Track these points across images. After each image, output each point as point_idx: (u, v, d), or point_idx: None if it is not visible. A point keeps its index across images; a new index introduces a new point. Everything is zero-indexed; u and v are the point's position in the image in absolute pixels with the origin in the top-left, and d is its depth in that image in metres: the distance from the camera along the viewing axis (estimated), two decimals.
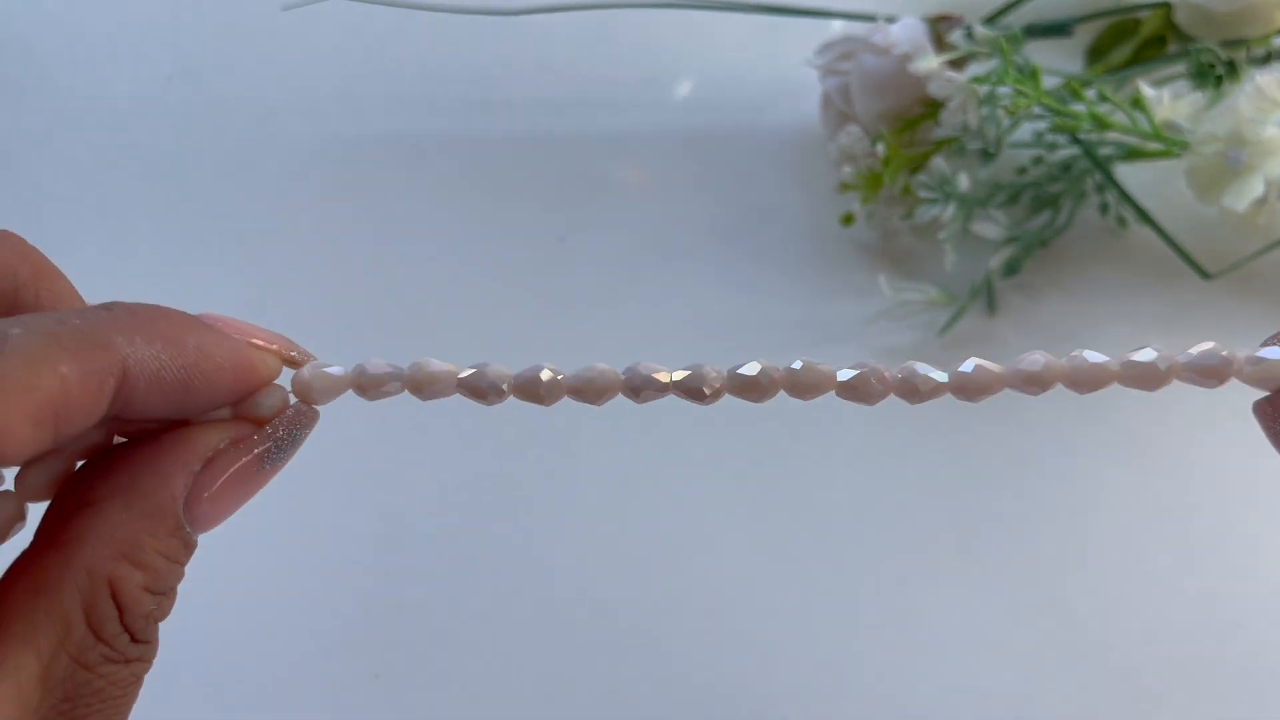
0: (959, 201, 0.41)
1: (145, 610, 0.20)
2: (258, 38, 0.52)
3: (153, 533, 0.20)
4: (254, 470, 0.22)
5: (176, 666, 0.35)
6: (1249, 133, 0.39)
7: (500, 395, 0.23)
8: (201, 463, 0.21)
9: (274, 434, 0.22)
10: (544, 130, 0.49)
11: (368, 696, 0.34)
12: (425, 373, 0.23)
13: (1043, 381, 0.24)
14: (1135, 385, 0.24)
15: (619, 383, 0.23)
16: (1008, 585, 0.36)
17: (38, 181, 0.48)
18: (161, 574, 0.20)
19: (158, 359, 0.20)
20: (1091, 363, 0.24)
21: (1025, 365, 0.24)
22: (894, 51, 0.42)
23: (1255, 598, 0.36)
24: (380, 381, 0.23)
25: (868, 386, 0.24)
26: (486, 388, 0.23)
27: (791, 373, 0.24)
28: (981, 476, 0.39)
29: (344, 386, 0.23)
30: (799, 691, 0.35)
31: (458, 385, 0.23)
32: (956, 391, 0.24)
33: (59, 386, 0.18)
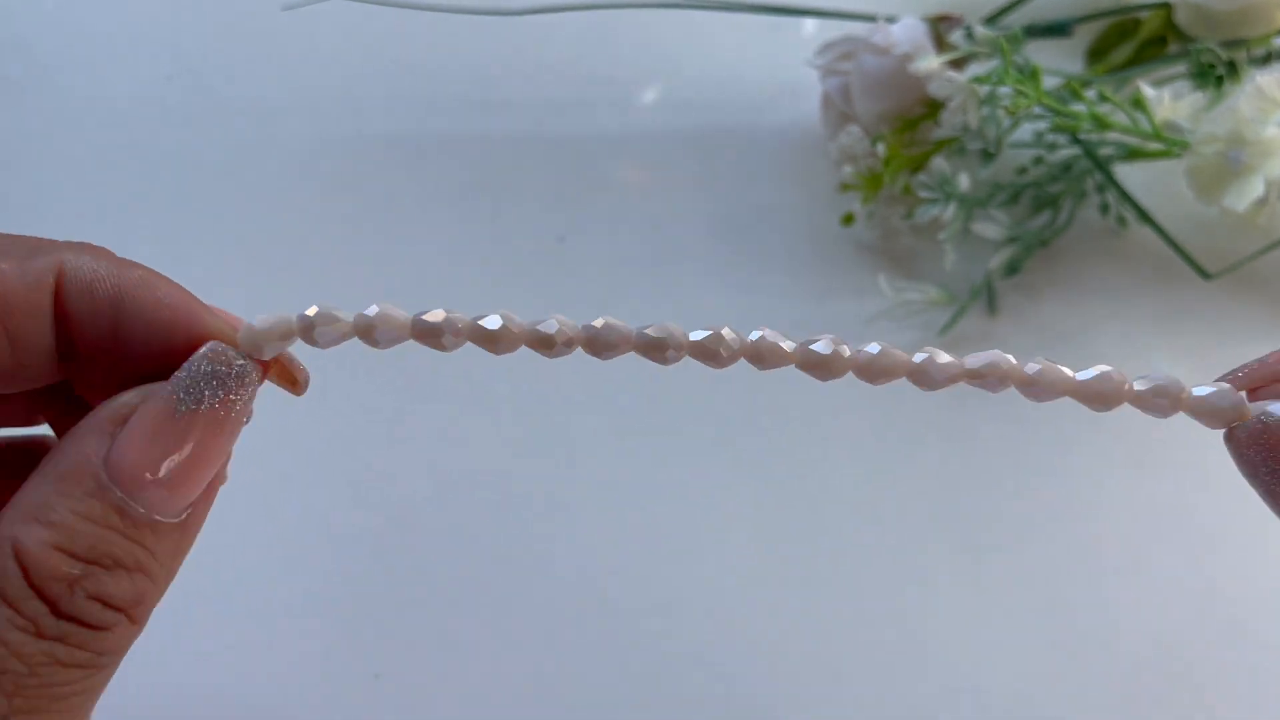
0: (959, 201, 0.41)
1: (56, 570, 0.19)
2: (258, 38, 0.52)
3: (64, 493, 0.19)
4: (169, 415, 0.20)
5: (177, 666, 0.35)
6: (1249, 133, 0.39)
7: (457, 338, 0.23)
8: (114, 422, 0.20)
9: (179, 376, 0.21)
10: (544, 130, 0.49)
11: (368, 696, 0.34)
12: (367, 317, 0.22)
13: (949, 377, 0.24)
14: (1089, 404, 0.24)
15: (580, 336, 0.23)
16: (1008, 585, 0.36)
17: (38, 181, 0.48)
18: (77, 533, 0.19)
19: (94, 269, 0.20)
20: (1044, 373, 0.24)
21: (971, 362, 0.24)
22: (894, 51, 0.42)
23: (1255, 598, 0.36)
24: (322, 326, 0.22)
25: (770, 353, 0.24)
26: (443, 328, 0.22)
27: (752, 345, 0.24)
28: (982, 477, 0.39)
29: (290, 335, 0.22)
30: (799, 691, 0.35)
31: (411, 329, 0.22)
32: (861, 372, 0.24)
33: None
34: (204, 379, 0.21)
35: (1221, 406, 0.23)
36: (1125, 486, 0.38)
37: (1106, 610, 0.36)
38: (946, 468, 0.39)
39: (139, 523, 0.20)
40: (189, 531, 0.21)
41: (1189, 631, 0.35)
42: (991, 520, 0.38)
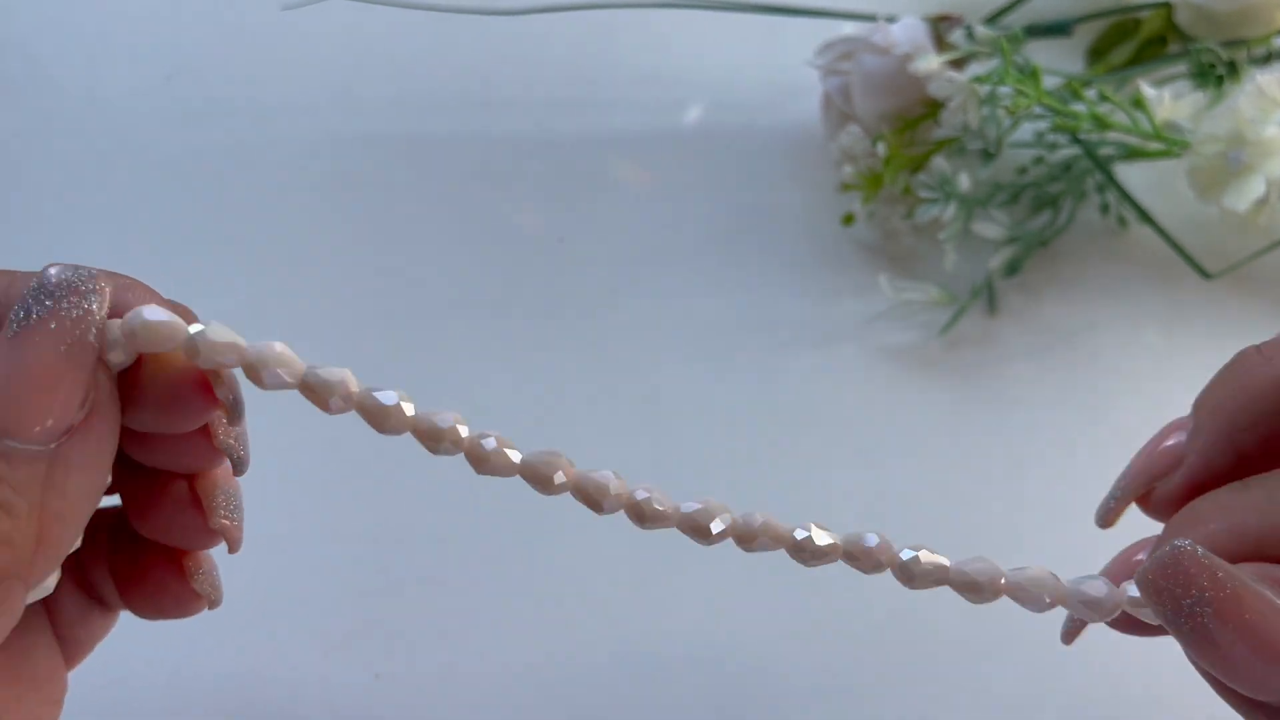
0: (959, 201, 0.41)
1: None
2: (258, 38, 0.52)
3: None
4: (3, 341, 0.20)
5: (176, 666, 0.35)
6: (1249, 133, 0.39)
7: (345, 403, 0.23)
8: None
9: (20, 297, 0.20)
10: (544, 130, 0.49)
11: (368, 696, 0.34)
12: (264, 353, 0.22)
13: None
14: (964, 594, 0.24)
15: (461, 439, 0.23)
16: None
17: (37, 181, 0.48)
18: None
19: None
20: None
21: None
22: (894, 51, 0.42)
23: None
24: (209, 348, 0.21)
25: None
26: (323, 389, 0.22)
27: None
28: (981, 476, 0.39)
29: (177, 335, 0.21)
30: (799, 691, 0.34)
31: (301, 384, 0.22)
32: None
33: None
34: (33, 294, 0.20)
35: (1097, 598, 0.24)
36: None
37: None
38: (945, 468, 0.39)
39: (20, 462, 0.19)
40: (65, 466, 0.20)
41: None
42: (990, 520, 0.38)
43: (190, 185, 0.47)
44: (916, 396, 0.41)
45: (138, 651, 0.35)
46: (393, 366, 0.41)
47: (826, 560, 0.24)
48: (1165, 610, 0.21)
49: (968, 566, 0.23)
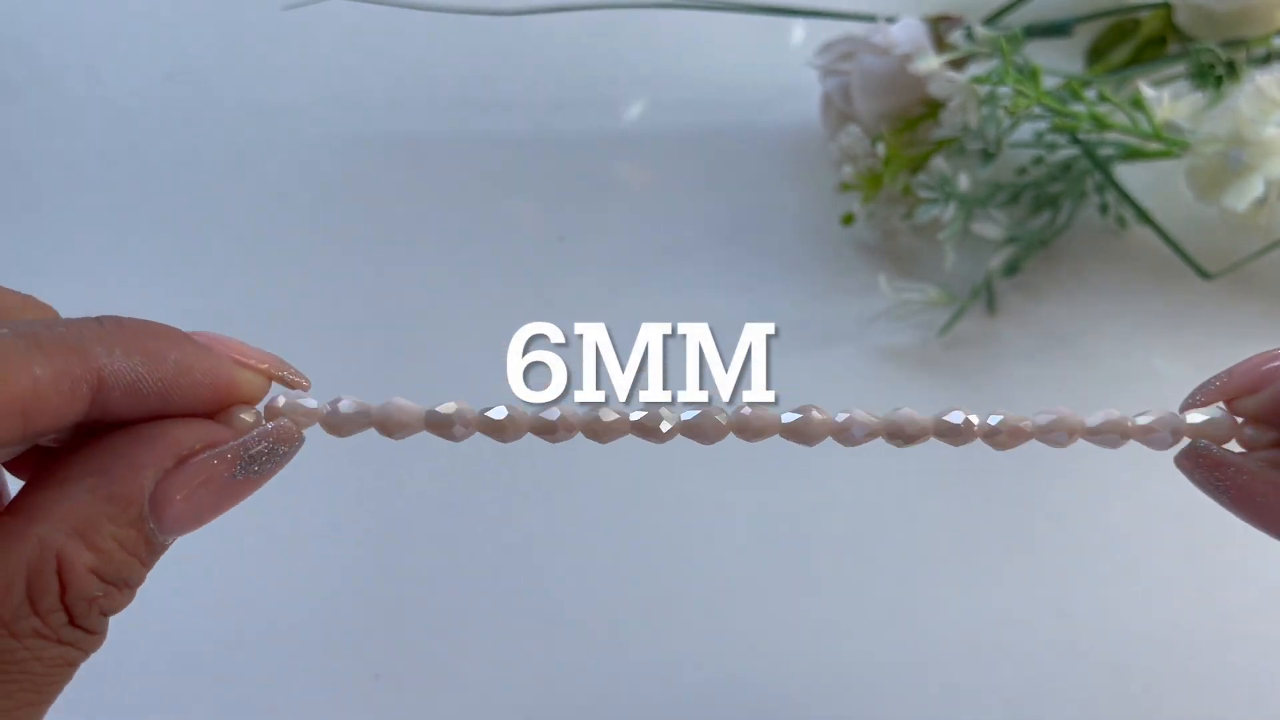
0: (959, 201, 0.41)
1: (88, 593, 0.20)
2: (258, 38, 0.52)
3: (113, 518, 0.20)
4: (224, 476, 0.22)
5: (176, 665, 0.35)
6: (1249, 133, 0.39)
7: (467, 429, 0.24)
8: (175, 459, 0.21)
9: (251, 444, 0.22)
10: (544, 130, 0.49)
11: (368, 696, 0.34)
12: (394, 414, 0.25)
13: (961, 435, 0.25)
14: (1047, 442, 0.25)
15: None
16: (1008, 585, 0.36)
17: (37, 181, 0.48)
18: (113, 560, 0.20)
19: (135, 371, 0.21)
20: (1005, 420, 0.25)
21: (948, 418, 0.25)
22: (894, 51, 0.42)
23: (1255, 598, 0.36)
24: (349, 421, 0.24)
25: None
26: (453, 423, 0.24)
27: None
28: (981, 476, 0.39)
29: (314, 420, 0.24)
30: (799, 691, 0.35)
31: (425, 423, 0.25)
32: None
33: (30, 386, 0.19)
34: (269, 455, 0.22)
35: (1163, 434, 0.26)
36: (1124, 486, 0.38)
37: (1106, 610, 0.36)
38: (945, 467, 0.39)
39: (154, 549, 0.21)
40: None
41: (1188, 631, 0.35)
42: (990, 520, 0.38)
43: (190, 185, 0.47)
44: (916, 396, 0.41)
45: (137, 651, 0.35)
46: (392, 365, 0.41)
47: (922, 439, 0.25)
48: (1203, 487, 0.25)
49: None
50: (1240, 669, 0.35)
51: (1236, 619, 0.35)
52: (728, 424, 0.25)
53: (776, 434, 0.25)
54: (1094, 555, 0.37)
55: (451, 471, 0.39)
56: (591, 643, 0.35)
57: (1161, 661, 0.35)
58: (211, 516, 0.22)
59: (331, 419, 0.24)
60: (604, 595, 0.36)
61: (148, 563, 0.21)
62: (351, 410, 0.24)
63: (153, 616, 0.36)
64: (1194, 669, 0.35)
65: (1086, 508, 0.38)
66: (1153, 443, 0.26)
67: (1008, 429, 0.25)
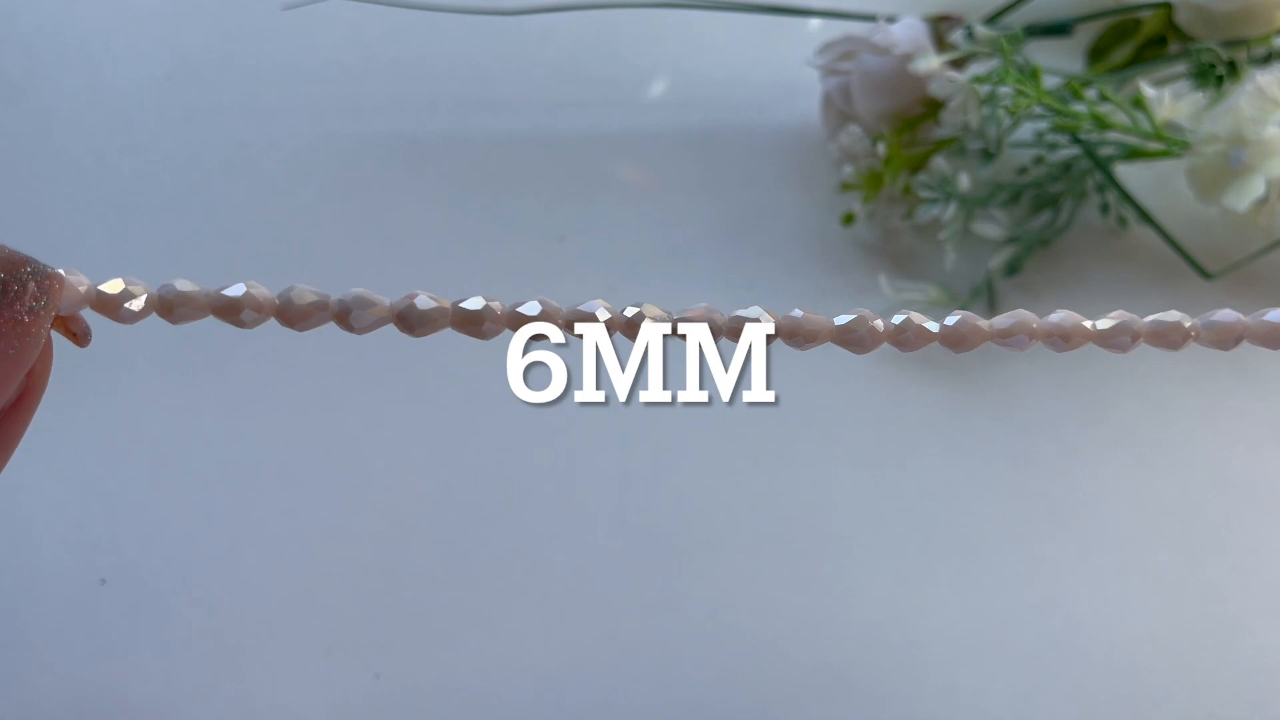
0: (959, 201, 0.41)
1: None
2: (258, 38, 0.52)
3: None
4: None
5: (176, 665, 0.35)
6: (1250, 133, 0.39)
7: (259, 313, 0.22)
8: None
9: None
10: (544, 130, 0.49)
11: (368, 696, 0.34)
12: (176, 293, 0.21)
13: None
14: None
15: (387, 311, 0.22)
16: (1008, 585, 0.36)
17: (38, 181, 0.48)
18: None
19: None
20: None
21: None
22: (894, 51, 0.42)
23: (1255, 598, 0.36)
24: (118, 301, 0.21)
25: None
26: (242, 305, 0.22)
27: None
28: (981, 476, 0.39)
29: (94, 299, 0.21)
30: (798, 691, 0.34)
31: (214, 305, 0.22)
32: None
33: None
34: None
35: None
36: (1124, 486, 0.38)
37: (1106, 610, 0.36)
38: (945, 467, 0.39)
39: None
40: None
41: (1189, 631, 0.35)
42: (990, 520, 0.38)
43: (190, 185, 0.47)
44: (916, 396, 0.41)
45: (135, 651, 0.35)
46: (392, 364, 0.41)
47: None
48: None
49: None
50: (1240, 669, 0.35)
51: (1236, 619, 0.35)
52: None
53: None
54: (1094, 555, 0.37)
55: (452, 471, 0.39)
56: (591, 643, 0.35)
57: (1161, 661, 0.35)
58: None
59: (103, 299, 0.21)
60: (604, 595, 0.36)
61: None
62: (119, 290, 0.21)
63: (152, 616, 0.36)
64: (1194, 669, 0.35)
65: (1086, 508, 0.38)
66: None
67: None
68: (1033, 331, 0.23)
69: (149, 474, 0.38)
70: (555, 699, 0.34)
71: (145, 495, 0.38)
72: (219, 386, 0.41)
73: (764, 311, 0.23)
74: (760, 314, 0.23)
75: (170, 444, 0.39)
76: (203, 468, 0.39)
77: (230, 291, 0.22)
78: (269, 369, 0.41)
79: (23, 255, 0.21)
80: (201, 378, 0.41)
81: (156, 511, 0.38)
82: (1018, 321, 0.23)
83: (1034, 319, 0.23)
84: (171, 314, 0.22)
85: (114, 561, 0.37)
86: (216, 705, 0.35)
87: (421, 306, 0.23)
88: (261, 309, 0.22)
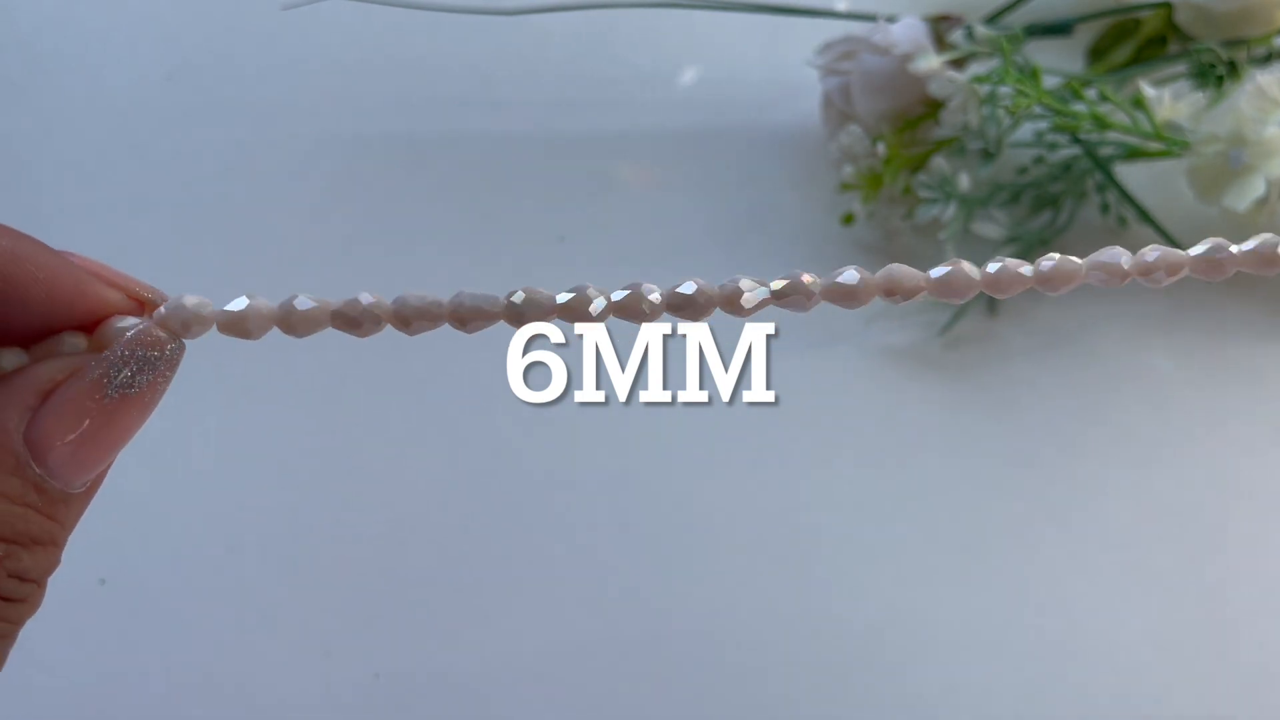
0: (959, 201, 0.41)
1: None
2: (258, 38, 0.52)
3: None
4: (97, 400, 0.20)
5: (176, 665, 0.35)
6: (1250, 133, 0.39)
7: (376, 325, 0.23)
8: (38, 396, 0.20)
9: (111, 356, 0.20)
10: (544, 130, 0.49)
11: (368, 696, 0.34)
12: (295, 311, 0.22)
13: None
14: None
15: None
16: (1008, 585, 0.36)
17: (38, 181, 0.48)
18: (1, 516, 0.19)
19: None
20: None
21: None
22: (894, 51, 0.42)
23: (1255, 598, 0.36)
24: (242, 319, 0.22)
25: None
26: (360, 317, 0.22)
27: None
28: (982, 476, 0.39)
29: (208, 319, 0.22)
30: (798, 691, 0.34)
31: (331, 318, 0.22)
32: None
33: None
34: (135, 362, 0.21)
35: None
36: (1124, 486, 0.38)
37: (1106, 610, 0.36)
38: (946, 467, 0.39)
39: (54, 498, 0.20)
40: (89, 498, 0.21)
41: (1189, 631, 0.35)
42: (991, 520, 0.38)
43: (190, 185, 0.47)
44: (916, 396, 0.41)
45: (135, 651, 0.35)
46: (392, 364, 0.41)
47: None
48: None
49: None
50: (1240, 669, 0.35)
51: (1236, 619, 0.35)
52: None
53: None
54: (1094, 555, 0.37)
55: (452, 470, 0.39)
56: (591, 643, 0.35)
57: (1161, 661, 0.35)
58: (106, 451, 0.20)
59: (221, 318, 0.21)
60: (604, 595, 0.36)
61: (51, 513, 0.20)
62: (243, 307, 0.22)
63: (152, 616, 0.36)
64: (1194, 669, 0.35)
65: (1087, 508, 0.38)
66: None
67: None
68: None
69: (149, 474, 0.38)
70: (555, 699, 0.34)
71: (145, 495, 0.38)
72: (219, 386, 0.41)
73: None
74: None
75: (170, 444, 0.39)
76: (203, 468, 0.39)
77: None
78: (269, 370, 0.41)
79: (159, 331, 0.21)
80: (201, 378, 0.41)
81: (156, 511, 0.38)
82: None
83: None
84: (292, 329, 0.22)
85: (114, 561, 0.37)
86: (216, 705, 0.35)
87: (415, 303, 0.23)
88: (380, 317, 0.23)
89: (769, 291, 0.23)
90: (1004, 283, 0.23)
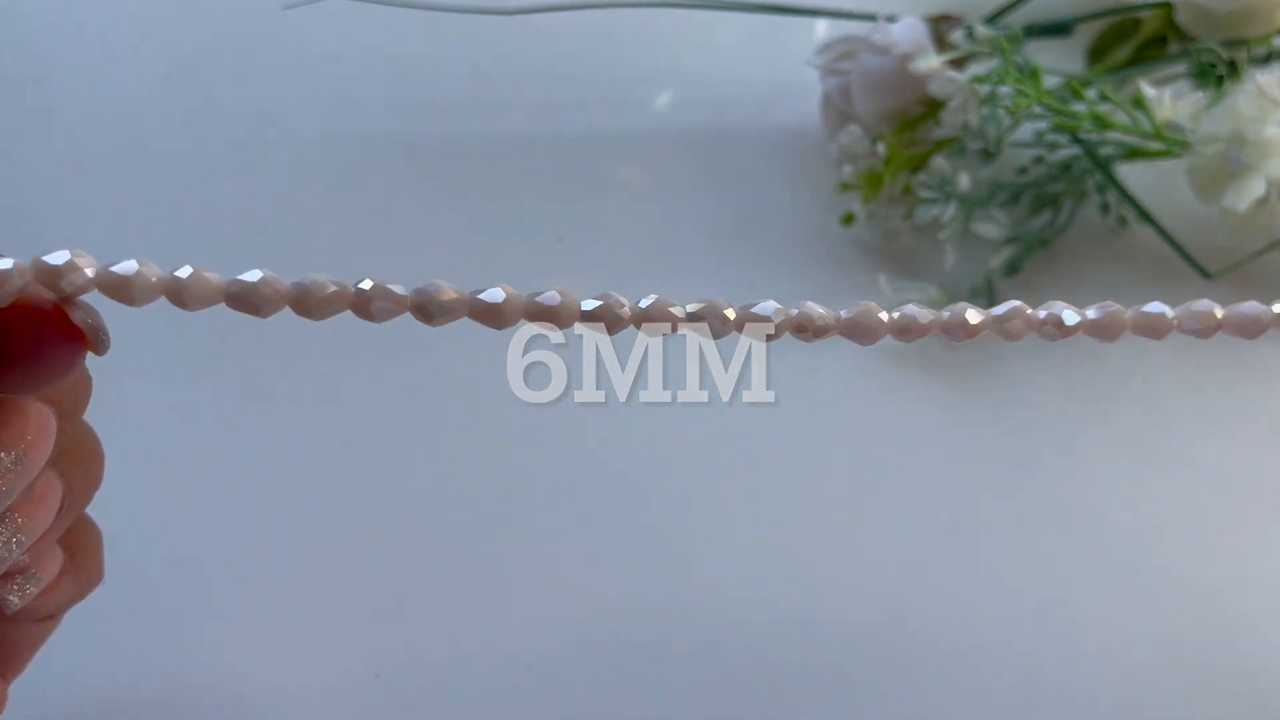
0: (959, 201, 0.41)
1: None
2: (258, 38, 0.52)
3: None
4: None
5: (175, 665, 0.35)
6: (1250, 132, 0.39)
7: (275, 304, 0.22)
8: None
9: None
10: (544, 130, 0.49)
11: (368, 696, 0.34)
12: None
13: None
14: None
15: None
16: (1008, 585, 0.36)
17: (38, 181, 0.48)
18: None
19: None
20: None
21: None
22: (894, 51, 0.42)
23: (1256, 598, 0.36)
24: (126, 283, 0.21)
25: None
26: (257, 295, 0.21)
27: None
28: (982, 476, 0.39)
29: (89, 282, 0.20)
30: (798, 691, 0.34)
31: (225, 295, 0.22)
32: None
33: None
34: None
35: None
36: (1125, 486, 0.38)
37: (1106, 610, 0.36)
38: (946, 467, 0.39)
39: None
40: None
41: (1189, 631, 0.35)
42: (991, 520, 0.38)
43: (190, 185, 0.47)
44: (916, 396, 0.41)
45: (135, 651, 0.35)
46: (391, 365, 0.41)
47: None
48: None
49: None
50: (1240, 669, 0.35)
51: (1236, 619, 0.35)
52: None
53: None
54: (1094, 555, 0.37)
55: (452, 470, 0.39)
56: (592, 642, 0.35)
57: (1161, 661, 0.35)
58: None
59: (105, 278, 0.21)
60: (604, 593, 0.36)
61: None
62: (132, 273, 0.21)
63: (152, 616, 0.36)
64: (1194, 669, 0.35)
65: (1087, 508, 0.38)
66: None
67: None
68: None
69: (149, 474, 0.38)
70: (555, 698, 0.34)
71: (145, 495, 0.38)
72: (219, 386, 0.41)
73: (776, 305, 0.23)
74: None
75: (170, 444, 0.39)
76: (203, 467, 0.39)
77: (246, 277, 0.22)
78: (269, 368, 0.41)
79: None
80: (202, 377, 0.41)
81: (156, 511, 0.38)
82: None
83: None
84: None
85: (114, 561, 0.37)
86: (216, 705, 0.35)
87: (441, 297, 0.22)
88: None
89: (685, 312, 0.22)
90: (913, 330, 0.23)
